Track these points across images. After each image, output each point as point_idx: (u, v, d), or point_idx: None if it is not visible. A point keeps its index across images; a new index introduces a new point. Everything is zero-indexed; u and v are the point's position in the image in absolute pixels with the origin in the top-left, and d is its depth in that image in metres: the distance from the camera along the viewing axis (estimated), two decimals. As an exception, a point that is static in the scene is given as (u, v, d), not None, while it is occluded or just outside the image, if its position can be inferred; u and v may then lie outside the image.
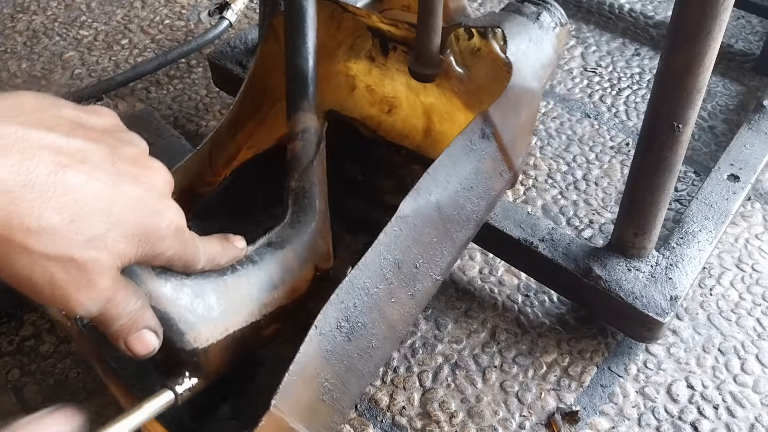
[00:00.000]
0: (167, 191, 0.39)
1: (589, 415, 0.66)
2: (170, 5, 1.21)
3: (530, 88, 0.58)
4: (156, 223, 0.37)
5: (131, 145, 0.39)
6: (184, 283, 0.44)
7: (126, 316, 0.39)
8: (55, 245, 0.33)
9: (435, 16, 0.57)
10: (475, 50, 0.66)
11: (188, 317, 0.44)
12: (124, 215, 0.36)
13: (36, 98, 0.35)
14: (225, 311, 0.46)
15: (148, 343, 0.41)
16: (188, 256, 0.42)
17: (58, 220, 0.33)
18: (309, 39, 0.60)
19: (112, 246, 0.35)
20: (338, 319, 0.47)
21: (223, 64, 0.89)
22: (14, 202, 0.31)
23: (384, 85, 0.73)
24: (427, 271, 0.54)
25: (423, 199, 0.52)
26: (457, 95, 0.68)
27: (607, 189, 0.88)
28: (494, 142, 0.57)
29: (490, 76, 0.66)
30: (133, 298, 0.39)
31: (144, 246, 0.37)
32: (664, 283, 0.66)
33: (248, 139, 0.69)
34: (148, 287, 0.41)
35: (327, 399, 0.48)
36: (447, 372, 0.69)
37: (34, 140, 0.33)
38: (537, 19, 0.62)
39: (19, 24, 1.18)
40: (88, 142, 0.35)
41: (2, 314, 0.73)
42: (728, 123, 0.97)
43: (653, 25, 1.14)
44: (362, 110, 0.74)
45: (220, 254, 0.46)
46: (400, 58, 0.70)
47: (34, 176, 0.32)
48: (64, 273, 0.34)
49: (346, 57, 0.74)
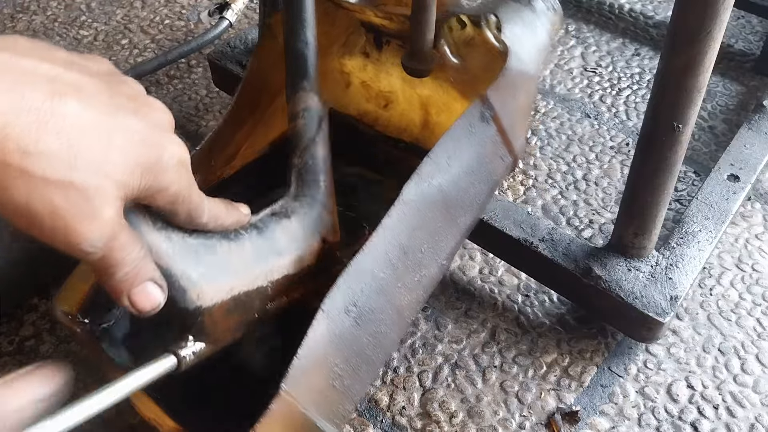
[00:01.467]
0: (168, 127, 0.38)
1: (589, 415, 0.66)
2: (170, 5, 1.21)
3: (526, 71, 0.58)
4: (158, 154, 0.36)
5: (127, 85, 0.37)
6: (186, 241, 0.42)
7: (130, 264, 0.37)
8: (54, 169, 0.32)
9: (428, 12, 0.57)
10: (469, 40, 0.65)
11: (191, 274, 0.42)
12: (125, 145, 0.34)
13: (31, 40, 0.34)
14: (229, 273, 0.45)
15: (153, 297, 0.39)
16: (193, 201, 0.41)
17: (57, 144, 0.32)
18: (309, 24, 0.60)
19: (113, 174, 0.34)
20: (346, 303, 0.47)
21: (223, 64, 0.89)
22: (9, 125, 0.30)
23: (379, 80, 0.73)
24: (433, 256, 0.53)
25: (425, 183, 0.52)
26: (453, 85, 0.68)
27: (607, 189, 0.88)
28: (494, 125, 0.57)
29: (485, 65, 0.66)
30: (136, 244, 0.37)
31: (146, 177, 0.36)
32: (664, 283, 0.66)
33: (247, 138, 0.69)
34: (149, 241, 0.40)
35: (338, 385, 0.47)
36: (447, 372, 0.69)
37: (28, 68, 0.32)
38: (530, 4, 0.62)
39: (19, 24, 1.18)
40: (84, 76, 0.34)
41: (2, 314, 0.73)
42: (728, 123, 0.97)
43: (653, 25, 1.14)
44: (359, 106, 0.74)
45: (224, 214, 0.45)
46: (395, 51, 0.71)
47: (30, 101, 0.31)
48: (65, 200, 0.32)
49: (341, 54, 0.74)
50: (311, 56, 0.59)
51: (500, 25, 0.59)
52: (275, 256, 0.49)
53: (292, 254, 0.50)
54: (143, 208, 0.40)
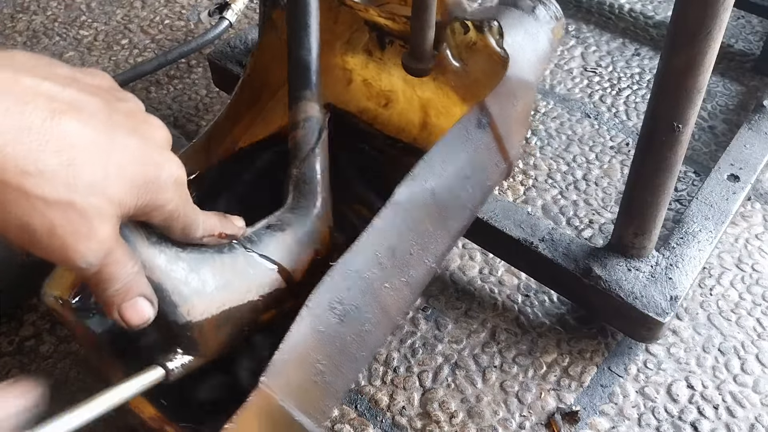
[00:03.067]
0: (166, 145, 0.38)
1: (589, 415, 0.66)
2: (170, 5, 1.21)
3: (526, 80, 0.58)
4: (156, 173, 0.36)
5: (127, 102, 0.38)
6: (180, 256, 0.43)
7: (123, 279, 0.38)
8: (53, 189, 0.32)
9: (428, 11, 0.57)
10: (471, 44, 0.66)
11: (182, 289, 0.43)
12: (123, 163, 0.34)
13: (31, 55, 0.35)
14: (221, 287, 0.46)
15: (142, 312, 0.40)
16: (188, 217, 0.41)
17: (56, 163, 0.32)
18: (312, 30, 0.60)
19: (111, 193, 0.34)
20: (331, 300, 0.47)
21: (223, 64, 0.89)
22: (9, 144, 0.30)
23: (381, 79, 0.73)
24: (422, 258, 0.54)
25: (418, 186, 0.52)
26: (454, 89, 0.68)
27: (607, 189, 0.88)
28: (490, 132, 0.57)
29: (486, 70, 0.66)
30: (130, 260, 0.38)
31: (144, 196, 0.36)
32: (664, 283, 0.66)
33: (245, 131, 0.69)
34: (143, 256, 0.40)
35: (319, 381, 0.47)
36: (447, 372, 0.69)
37: (28, 86, 0.32)
38: (533, 12, 0.62)
39: (19, 24, 1.18)
40: (83, 94, 0.34)
41: (2, 314, 0.73)
42: (728, 123, 0.97)
43: (653, 25, 1.14)
44: (359, 103, 0.74)
45: (219, 228, 0.45)
46: (397, 52, 0.71)
47: (30, 121, 0.31)
48: (63, 219, 0.33)
49: (344, 50, 0.74)
50: (314, 64, 0.60)
51: (502, 32, 0.59)
52: (268, 270, 0.49)
53: (284, 268, 0.50)
54: (138, 223, 0.40)
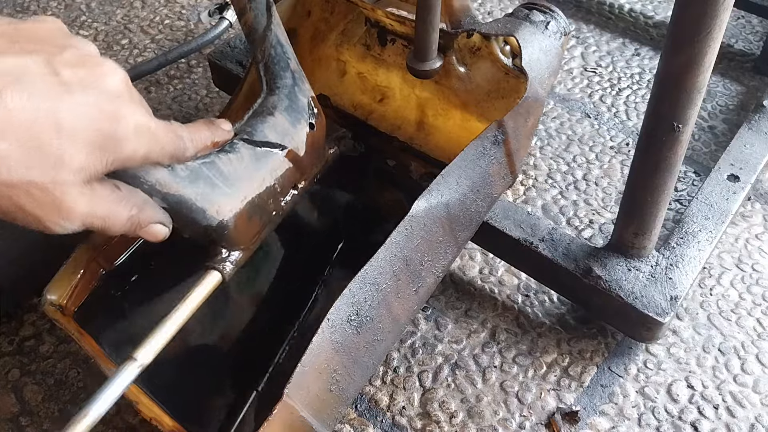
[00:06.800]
0: (120, 90, 0.37)
1: (589, 415, 0.66)
2: (170, 5, 1.21)
3: (539, 96, 0.59)
4: (111, 127, 0.35)
5: (73, 49, 0.36)
6: (189, 166, 0.44)
7: (120, 224, 0.38)
8: (10, 172, 0.32)
9: (433, 13, 0.57)
10: (475, 49, 0.66)
11: (205, 192, 0.45)
12: (75, 126, 0.34)
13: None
14: (237, 182, 0.48)
15: (156, 234, 0.42)
16: (168, 149, 0.40)
17: (6, 146, 0.31)
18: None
19: (70, 162, 0.34)
20: (349, 312, 0.48)
21: (223, 64, 0.89)
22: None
23: (377, 74, 0.73)
24: (431, 269, 0.55)
25: (435, 200, 0.53)
26: (455, 93, 0.68)
27: (607, 189, 0.88)
28: (503, 148, 0.59)
29: (488, 76, 0.66)
30: (122, 206, 0.38)
31: (107, 154, 0.35)
32: (664, 283, 0.66)
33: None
34: (154, 178, 0.41)
35: (335, 389, 0.49)
36: (447, 372, 0.69)
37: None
38: (546, 28, 0.62)
39: (19, 24, 1.18)
40: (22, 57, 0.33)
41: (2, 314, 0.73)
42: (728, 123, 0.97)
43: (653, 25, 1.14)
44: (353, 97, 0.74)
45: (209, 139, 0.46)
46: (399, 50, 0.71)
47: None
48: (28, 198, 0.33)
49: (338, 41, 0.74)
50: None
51: (521, 50, 0.59)
52: (272, 153, 0.51)
53: (286, 146, 0.52)
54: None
